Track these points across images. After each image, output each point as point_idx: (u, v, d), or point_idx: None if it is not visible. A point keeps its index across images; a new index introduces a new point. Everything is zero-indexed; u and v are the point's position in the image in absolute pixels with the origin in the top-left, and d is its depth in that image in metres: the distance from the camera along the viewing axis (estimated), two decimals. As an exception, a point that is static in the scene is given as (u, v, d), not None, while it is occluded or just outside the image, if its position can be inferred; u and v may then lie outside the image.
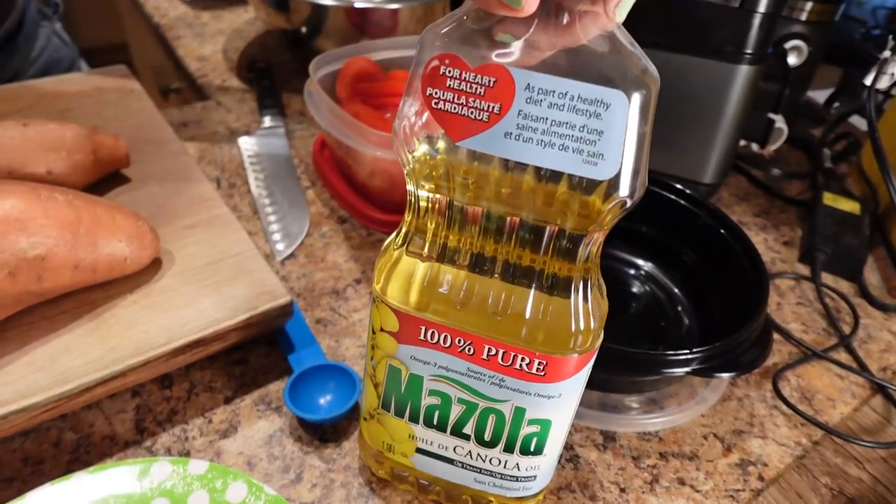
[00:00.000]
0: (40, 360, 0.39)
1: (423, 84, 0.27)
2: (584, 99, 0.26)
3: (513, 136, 0.27)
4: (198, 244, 0.48)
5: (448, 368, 0.33)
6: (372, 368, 0.36)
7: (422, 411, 0.36)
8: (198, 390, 0.46)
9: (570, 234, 0.29)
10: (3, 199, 0.37)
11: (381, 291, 0.33)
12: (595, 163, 0.26)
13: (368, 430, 0.39)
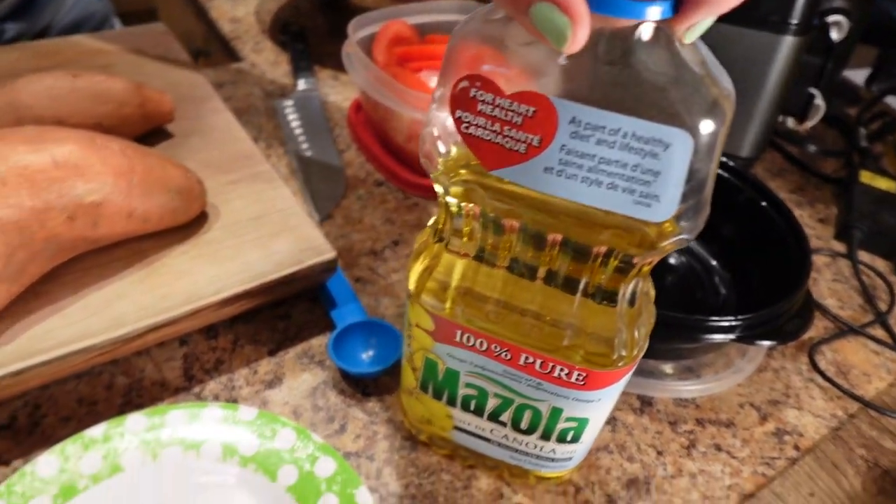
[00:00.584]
0: (95, 304, 0.40)
1: (453, 104, 0.24)
2: (639, 137, 0.22)
3: (554, 171, 0.24)
4: (241, 199, 0.48)
5: (484, 368, 0.33)
6: (409, 354, 0.36)
7: (458, 398, 0.36)
8: (242, 342, 0.46)
9: (619, 254, 0.26)
10: (62, 145, 0.38)
11: (415, 293, 0.32)
12: (648, 204, 0.23)
13: (408, 402, 0.40)
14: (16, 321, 0.38)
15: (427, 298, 0.32)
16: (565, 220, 0.26)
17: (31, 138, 0.37)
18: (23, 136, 0.37)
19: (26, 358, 0.37)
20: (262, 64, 0.75)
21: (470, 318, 0.31)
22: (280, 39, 0.79)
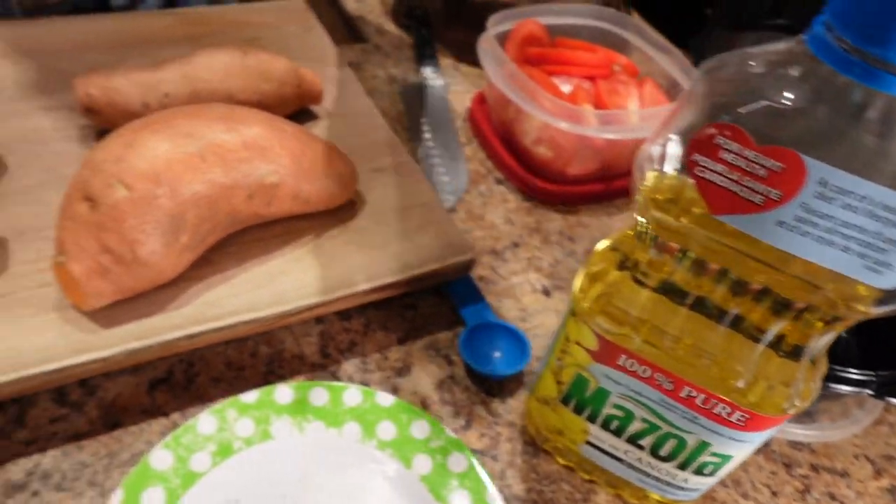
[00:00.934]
0: (259, 278, 0.42)
1: (693, 147, 0.25)
2: (888, 207, 0.23)
3: (787, 226, 0.24)
4: (385, 188, 0.50)
5: (640, 394, 0.34)
6: (556, 366, 0.37)
7: (600, 417, 0.37)
8: (374, 327, 0.48)
9: (826, 313, 0.27)
10: (250, 126, 0.39)
11: (585, 311, 0.33)
12: (880, 271, 0.24)
13: (539, 410, 0.41)
14: (189, 286, 0.41)
15: (601, 321, 0.33)
16: (779, 273, 0.27)
17: (224, 117, 0.39)
18: (217, 114, 0.39)
19: (201, 323, 0.39)
20: (385, 46, 0.76)
21: (642, 347, 0.32)
22: (404, 23, 0.80)
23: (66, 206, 0.36)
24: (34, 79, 0.52)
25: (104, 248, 0.35)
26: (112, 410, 0.41)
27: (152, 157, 0.35)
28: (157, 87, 0.45)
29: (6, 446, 0.38)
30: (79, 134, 0.49)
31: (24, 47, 0.54)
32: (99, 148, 0.36)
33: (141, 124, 0.37)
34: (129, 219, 0.35)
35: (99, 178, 0.35)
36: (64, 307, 0.39)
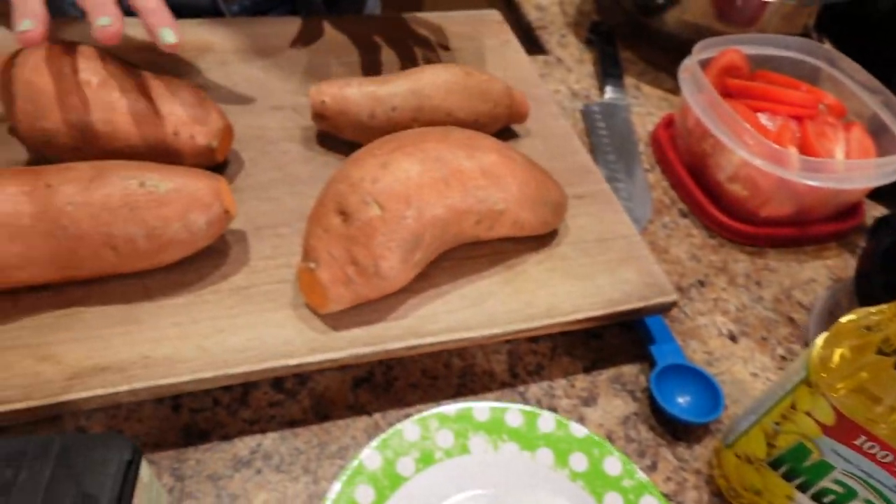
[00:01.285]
0: (471, 296, 0.44)
1: None
2: None
3: None
4: (587, 217, 0.50)
5: (870, 475, 0.33)
6: (772, 429, 0.36)
7: (814, 488, 0.36)
8: (560, 352, 0.49)
9: None
10: (487, 154, 0.41)
11: (826, 385, 0.32)
12: None
13: (737, 466, 0.40)
14: (407, 298, 0.43)
15: (847, 401, 0.32)
16: None
17: (465, 143, 0.40)
18: (459, 140, 0.40)
19: (419, 336, 0.41)
20: (567, 60, 0.76)
21: (891, 434, 0.31)
22: (587, 37, 0.79)
23: (318, 215, 0.38)
24: (262, 78, 0.56)
25: (352, 259, 0.37)
26: (322, 402, 0.44)
27: (405, 178, 0.37)
28: (386, 101, 0.47)
29: (233, 423, 0.42)
30: (301, 135, 0.52)
31: (251, 46, 0.58)
32: (355, 165, 0.38)
33: (394, 145, 0.39)
34: (378, 235, 0.37)
35: (355, 196, 0.37)
36: (298, 305, 0.42)
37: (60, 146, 0.42)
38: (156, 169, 0.38)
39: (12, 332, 0.38)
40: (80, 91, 0.41)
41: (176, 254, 0.39)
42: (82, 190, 0.36)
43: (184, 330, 0.39)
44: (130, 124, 0.41)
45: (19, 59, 0.42)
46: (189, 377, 0.37)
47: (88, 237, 0.36)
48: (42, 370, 0.36)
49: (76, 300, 0.39)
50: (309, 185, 0.48)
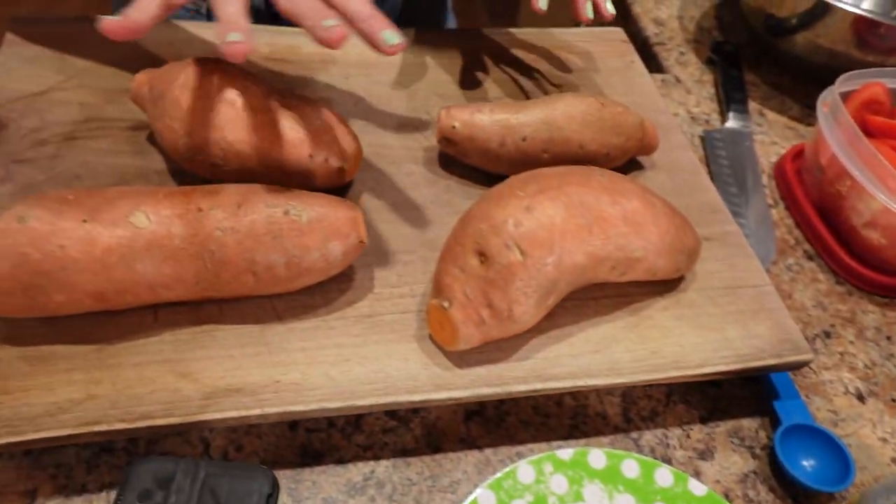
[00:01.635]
0: (595, 340, 0.43)
1: None
2: None
3: None
4: (715, 261, 0.48)
5: None
6: None
7: None
8: (676, 399, 0.47)
9: None
10: (630, 200, 0.39)
11: None
12: None
13: None
14: (531, 337, 0.42)
15: None
16: None
17: (608, 187, 0.39)
18: (602, 184, 0.39)
19: (543, 379, 0.40)
20: (686, 81, 0.73)
21: None
22: (708, 56, 0.76)
23: (455, 253, 0.38)
24: (385, 94, 0.56)
25: (487, 302, 0.37)
26: (433, 433, 0.44)
27: (550, 225, 0.36)
28: (517, 130, 0.46)
29: (347, 447, 0.42)
30: (424, 156, 0.52)
31: (374, 59, 0.58)
32: (497, 205, 0.37)
33: (536, 187, 0.38)
34: (517, 280, 0.36)
35: (497, 238, 0.36)
36: (422, 338, 0.42)
37: (199, 162, 0.43)
38: (298, 196, 0.38)
39: (154, 346, 0.39)
40: (224, 111, 0.41)
41: (309, 280, 0.39)
42: (230, 216, 0.36)
43: (311, 355, 0.40)
44: (269, 146, 0.42)
45: (168, 74, 0.43)
46: (317, 406, 0.37)
47: (233, 262, 0.36)
48: (181, 387, 0.37)
49: (211, 317, 0.40)
50: (432, 209, 0.48)
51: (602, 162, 0.49)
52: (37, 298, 0.35)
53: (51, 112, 0.49)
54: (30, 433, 0.35)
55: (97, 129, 0.49)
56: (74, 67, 0.52)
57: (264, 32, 0.58)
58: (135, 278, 0.36)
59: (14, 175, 0.45)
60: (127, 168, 0.47)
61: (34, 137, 0.47)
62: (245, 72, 0.44)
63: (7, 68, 0.51)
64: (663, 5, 0.84)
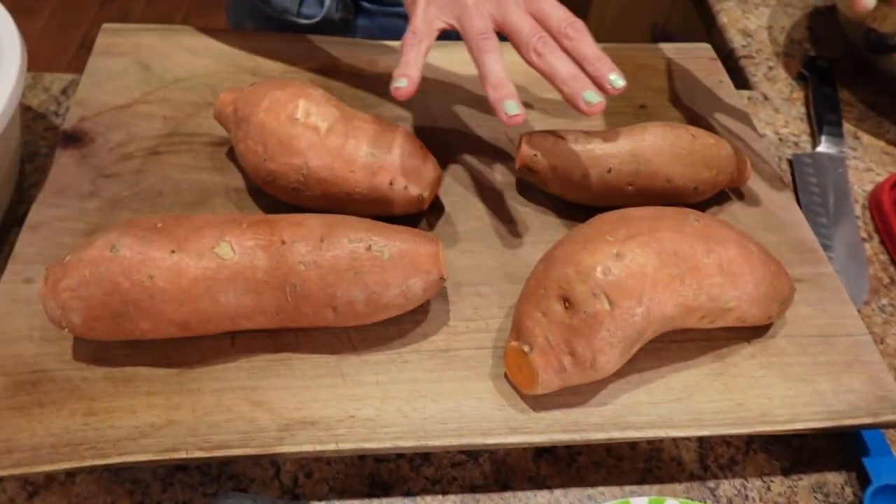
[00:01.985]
0: (676, 388, 0.41)
1: None
2: None
3: None
4: (807, 305, 0.46)
5: None
6: None
7: None
8: (756, 447, 0.45)
9: None
10: (726, 248, 0.37)
11: None
12: None
13: None
14: (609, 381, 0.41)
15: None
16: None
17: (703, 234, 0.37)
18: (697, 231, 0.37)
19: (621, 428, 0.39)
20: (775, 98, 0.69)
21: None
22: (799, 72, 0.72)
23: (537, 296, 0.37)
24: (464, 113, 0.55)
25: (570, 350, 0.36)
26: (502, 470, 0.43)
27: (640, 274, 0.35)
28: (602, 162, 0.45)
29: (415, 479, 0.42)
30: (502, 181, 0.51)
31: (452, 75, 0.57)
32: (585, 249, 0.36)
33: (626, 232, 0.36)
34: (602, 331, 0.35)
35: (584, 286, 0.35)
36: (496, 376, 0.41)
37: (280, 186, 0.43)
38: (380, 230, 0.38)
39: (231, 372, 0.39)
40: (308, 137, 0.41)
41: (387, 315, 0.39)
42: (313, 249, 0.36)
43: (385, 390, 0.39)
44: (350, 173, 0.42)
45: (253, 97, 0.43)
46: (390, 444, 0.37)
47: (313, 297, 0.36)
48: (257, 417, 0.37)
49: (287, 345, 0.40)
50: (508, 239, 0.47)
51: (689, 196, 0.46)
52: (124, 325, 0.35)
53: (136, 125, 0.50)
54: (114, 456, 0.35)
55: (180, 144, 0.49)
56: (159, 80, 0.53)
57: (341, 45, 0.58)
58: (217, 309, 0.36)
59: (101, 190, 0.46)
60: (207, 185, 0.48)
61: (120, 151, 0.48)
62: (327, 95, 0.44)
63: (95, 80, 0.52)
64: (752, 15, 0.80)
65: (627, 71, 0.60)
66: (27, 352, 0.39)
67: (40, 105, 0.57)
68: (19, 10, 1.94)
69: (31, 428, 0.36)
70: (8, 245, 0.48)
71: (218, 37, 0.56)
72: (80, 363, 0.38)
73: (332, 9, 0.64)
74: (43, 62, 1.73)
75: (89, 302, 0.34)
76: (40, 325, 0.40)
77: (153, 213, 0.46)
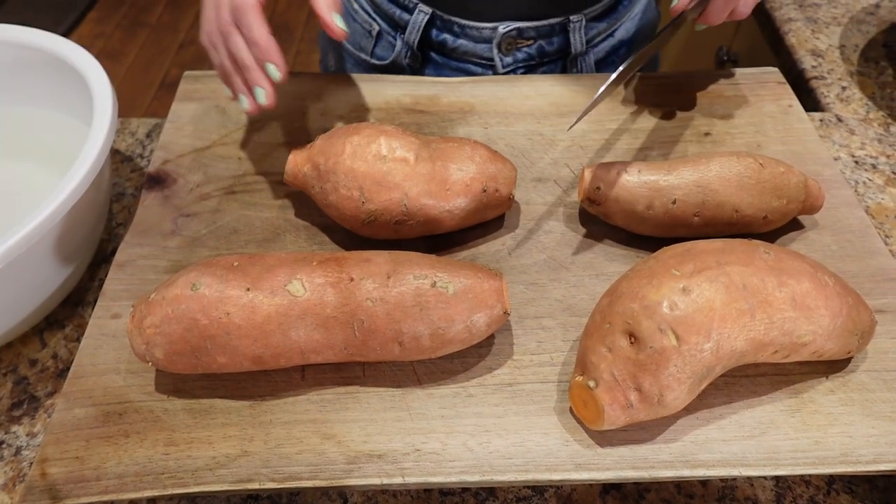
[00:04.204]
0: (749, 425, 0.40)
1: None
2: None
3: None
4: (890, 338, 0.43)
5: None
6: None
7: None
8: (838, 487, 0.43)
9: None
10: (800, 282, 0.36)
11: None
12: None
13: None
14: (677, 417, 0.40)
15: None
16: None
17: (774, 267, 0.36)
18: (767, 264, 0.36)
19: (691, 465, 0.38)
20: (849, 119, 0.67)
21: None
22: (876, 92, 0.69)
23: (602, 331, 0.37)
24: (525, 145, 0.55)
25: (637, 386, 0.35)
26: (569, 505, 0.42)
27: (709, 309, 0.34)
28: (667, 193, 0.44)
29: (481, 513, 0.42)
30: (564, 213, 0.51)
31: (514, 108, 0.58)
32: (650, 283, 0.36)
33: (693, 266, 0.36)
34: (670, 367, 0.34)
35: (650, 321, 0.34)
36: (562, 410, 0.40)
37: (382, 224, 0.44)
38: (445, 266, 0.39)
39: (301, 405, 0.40)
40: (400, 169, 0.43)
41: (452, 350, 0.40)
42: (380, 286, 0.37)
43: (450, 424, 0.40)
44: (447, 190, 0.44)
45: (332, 148, 0.44)
46: (456, 479, 0.37)
47: (380, 332, 0.37)
48: (326, 449, 0.38)
49: (355, 378, 0.41)
50: (572, 271, 0.47)
51: (759, 226, 0.45)
52: (202, 359, 0.37)
53: (213, 166, 0.53)
54: (192, 486, 0.37)
55: (253, 184, 0.52)
56: (235, 122, 0.56)
57: (406, 84, 0.60)
58: (288, 344, 0.37)
59: (182, 228, 0.49)
60: (278, 223, 0.50)
61: (199, 192, 0.51)
62: (401, 128, 0.45)
63: (177, 124, 0.56)
64: (822, 34, 0.77)
65: (691, 98, 0.60)
66: (114, 383, 0.41)
67: (127, 148, 0.61)
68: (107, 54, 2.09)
69: (118, 456, 0.38)
70: (97, 281, 0.51)
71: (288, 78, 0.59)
72: (161, 395, 0.41)
73: (401, 54, 0.66)
74: (127, 101, 1.85)
75: (171, 337, 0.36)
76: (126, 358, 0.42)
77: (229, 249, 0.48)
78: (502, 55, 0.64)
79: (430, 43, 0.65)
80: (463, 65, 0.66)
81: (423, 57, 0.67)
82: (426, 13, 0.62)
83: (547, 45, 0.64)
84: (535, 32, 0.63)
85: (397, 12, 0.64)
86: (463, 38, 0.64)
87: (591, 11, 0.64)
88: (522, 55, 0.65)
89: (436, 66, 0.67)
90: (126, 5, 2.18)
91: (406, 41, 0.65)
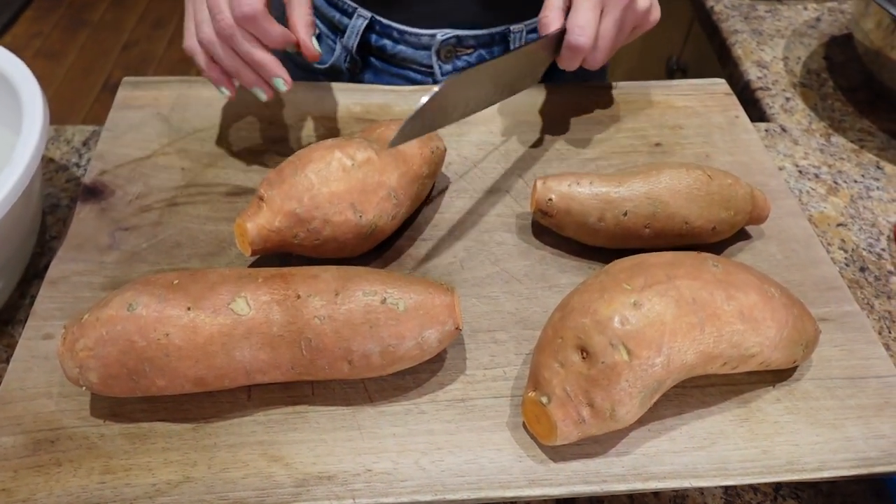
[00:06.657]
0: (699, 436, 0.40)
1: None
2: None
3: None
4: (832, 346, 0.44)
5: None
6: None
7: None
8: (784, 493, 0.44)
9: None
10: (747, 294, 0.37)
11: None
12: None
13: None
14: (629, 430, 0.40)
15: None
16: None
17: (722, 280, 0.36)
18: (715, 277, 0.37)
19: (643, 478, 0.38)
20: (793, 130, 0.69)
21: None
22: (818, 103, 0.71)
23: (555, 347, 0.36)
24: (475, 155, 0.55)
25: (589, 401, 0.35)
26: (524, 520, 0.42)
27: (660, 324, 0.34)
28: (618, 205, 0.44)
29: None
30: (517, 224, 0.51)
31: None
32: (601, 298, 0.36)
33: (643, 281, 0.36)
34: (621, 381, 0.34)
35: (601, 336, 0.34)
36: (515, 425, 0.40)
37: (382, 228, 0.45)
38: (395, 282, 0.38)
39: (247, 427, 0.39)
40: (373, 168, 0.43)
41: (403, 367, 0.39)
42: (328, 303, 0.36)
43: (402, 442, 0.39)
44: (412, 165, 0.46)
45: (302, 184, 0.42)
46: (408, 499, 0.37)
47: (328, 350, 0.36)
48: (273, 472, 0.37)
49: (303, 398, 0.40)
50: (525, 283, 0.47)
51: (708, 236, 0.46)
52: (140, 382, 0.36)
53: (154, 177, 0.51)
54: (130, 516, 0.35)
55: (197, 195, 0.50)
56: (177, 131, 0.54)
57: (356, 92, 0.59)
58: (233, 364, 0.36)
59: (120, 242, 0.47)
60: (224, 235, 0.48)
61: (138, 204, 0.49)
62: (340, 138, 0.45)
63: (115, 133, 0.53)
64: (767, 46, 0.79)
65: (642, 108, 0.60)
66: (46, 409, 0.39)
67: (62, 157, 0.58)
68: (45, 54, 2.00)
69: (49, 487, 0.36)
70: (29, 298, 0.49)
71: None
72: (97, 420, 0.39)
73: (340, 58, 0.65)
74: (67, 105, 1.77)
75: (106, 360, 0.35)
76: (59, 381, 0.40)
77: (170, 264, 0.46)
78: (441, 62, 0.64)
79: (369, 48, 0.64)
80: (403, 71, 0.65)
81: (362, 62, 0.66)
82: (365, 18, 0.62)
83: (487, 54, 0.64)
84: (475, 41, 0.63)
85: (336, 16, 0.63)
86: (402, 45, 0.63)
87: (532, 22, 0.64)
88: (462, 63, 0.64)
89: (375, 72, 0.66)
90: (65, 3, 2.10)
91: (345, 45, 0.64)
